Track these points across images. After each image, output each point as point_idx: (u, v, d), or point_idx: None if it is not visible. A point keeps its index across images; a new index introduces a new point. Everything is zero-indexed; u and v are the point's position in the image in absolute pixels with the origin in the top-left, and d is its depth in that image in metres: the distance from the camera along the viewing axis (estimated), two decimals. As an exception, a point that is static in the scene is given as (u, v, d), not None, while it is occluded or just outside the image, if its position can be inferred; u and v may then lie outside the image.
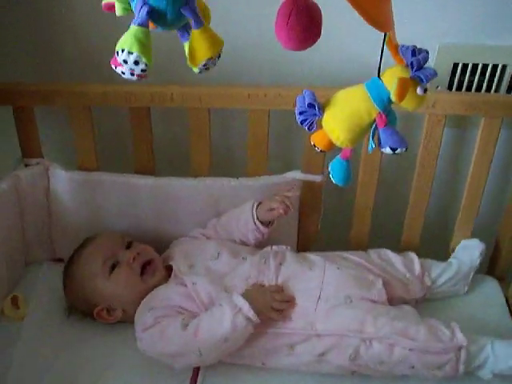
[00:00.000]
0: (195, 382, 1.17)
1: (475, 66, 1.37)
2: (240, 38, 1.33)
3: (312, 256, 1.30)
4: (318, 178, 1.37)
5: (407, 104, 0.75)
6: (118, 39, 1.42)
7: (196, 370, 1.19)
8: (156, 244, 1.37)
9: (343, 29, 1.27)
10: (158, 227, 1.41)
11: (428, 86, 1.37)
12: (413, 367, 1.14)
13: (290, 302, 1.18)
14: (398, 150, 0.76)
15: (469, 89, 1.41)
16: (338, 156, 0.84)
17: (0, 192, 1.29)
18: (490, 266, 1.51)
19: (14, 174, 1.34)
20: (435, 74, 0.74)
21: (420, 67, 0.73)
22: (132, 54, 0.67)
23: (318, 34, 0.68)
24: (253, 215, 1.31)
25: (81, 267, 1.27)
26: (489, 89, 1.40)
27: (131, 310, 1.24)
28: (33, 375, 1.19)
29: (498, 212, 1.48)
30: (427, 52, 0.74)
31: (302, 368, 1.19)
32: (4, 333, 1.26)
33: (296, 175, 1.37)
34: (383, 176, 1.40)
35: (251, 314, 1.11)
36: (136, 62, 0.67)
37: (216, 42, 0.69)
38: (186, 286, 1.21)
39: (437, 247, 1.55)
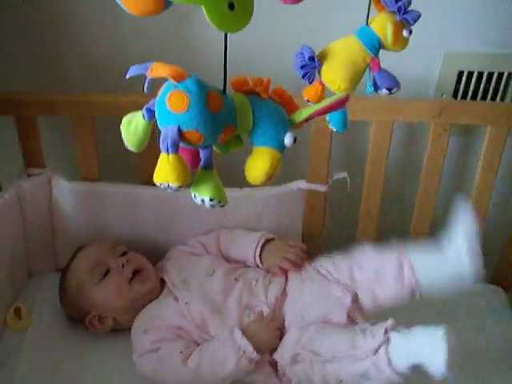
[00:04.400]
0: None
1: (480, 74, 1.36)
2: (242, 45, 1.33)
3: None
4: (322, 188, 1.36)
5: (396, 47, 0.82)
6: (121, 50, 1.43)
7: None
8: (158, 254, 1.37)
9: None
10: (160, 237, 1.40)
11: (432, 94, 1.38)
12: (341, 381, 1.07)
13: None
14: (394, 90, 0.83)
15: (474, 97, 1.40)
16: None
17: (3, 202, 1.28)
18: (496, 274, 1.50)
19: (16, 184, 1.33)
20: (420, 15, 0.80)
21: (406, 11, 0.80)
22: (122, 133, 0.71)
23: None
24: (255, 259, 1.30)
25: (70, 275, 1.27)
26: (494, 97, 1.40)
27: (122, 319, 1.24)
28: (36, 386, 1.19)
29: (504, 220, 1.47)
30: None
31: None
32: (7, 344, 1.26)
33: (300, 185, 1.36)
34: (388, 185, 1.39)
35: (254, 355, 1.09)
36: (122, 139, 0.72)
37: (174, 175, 0.65)
38: (178, 302, 1.21)
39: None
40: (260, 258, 1.30)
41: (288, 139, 0.71)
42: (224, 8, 0.60)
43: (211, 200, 0.69)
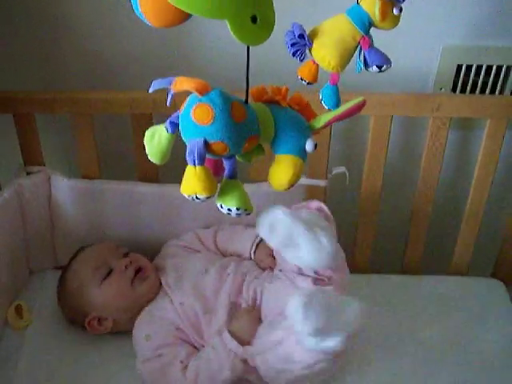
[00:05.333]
0: None
1: (479, 68, 1.36)
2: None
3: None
4: (322, 183, 1.36)
5: (386, 24, 0.82)
6: (118, 47, 1.43)
7: None
8: (157, 250, 1.38)
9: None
10: (160, 234, 1.40)
11: (431, 87, 1.38)
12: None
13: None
14: (384, 67, 0.83)
15: (473, 90, 1.40)
16: (328, 83, 0.88)
17: (2, 200, 1.29)
18: (495, 268, 1.50)
19: (15, 182, 1.33)
20: None
21: None
22: (145, 146, 0.72)
23: None
24: (250, 254, 1.32)
25: (72, 275, 1.27)
26: (493, 90, 1.40)
27: (122, 320, 1.24)
28: (37, 383, 1.19)
29: (504, 213, 1.47)
30: None
31: None
32: (8, 341, 1.26)
33: (300, 180, 1.35)
34: (387, 179, 1.39)
35: (246, 354, 1.09)
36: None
37: (201, 187, 0.66)
38: (173, 304, 1.21)
39: (442, 248, 1.55)
40: (254, 254, 1.31)
41: (309, 146, 0.72)
42: (247, 22, 0.61)
43: (238, 209, 0.70)
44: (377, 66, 0.83)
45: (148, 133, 0.72)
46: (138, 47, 1.36)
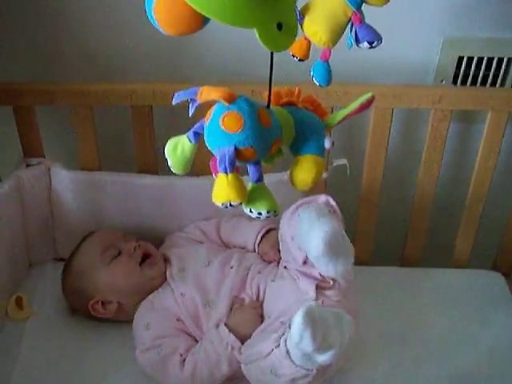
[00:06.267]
0: None
1: (480, 60, 1.36)
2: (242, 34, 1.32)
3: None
4: (322, 175, 1.35)
5: (376, 1, 0.80)
6: (117, 39, 1.42)
7: None
8: (158, 242, 1.38)
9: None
10: (160, 226, 1.40)
11: (432, 79, 1.38)
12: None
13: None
14: (375, 44, 0.82)
15: (474, 82, 1.39)
16: (319, 59, 0.88)
17: (2, 193, 1.28)
18: (496, 261, 1.50)
19: (15, 174, 1.33)
20: None
21: None
22: (168, 158, 0.74)
23: None
24: (254, 247, 1.32)
25: (80, 256, 1.28)
26: (494, 82, 1.39)
27: (127, 303, 1.25)
28: (37, 375, 1.19)
29: (504, 206, 1.47)
30: None
31: None
32: (8, 333, 1.26)
33: (300, 172, 1.36)
34: (388, 171, 1.39)
35: (243, 350, 1.09)
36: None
37: (234, 193, 0.68)
38: (174, 294, 1.22)
39: (442, 240, 1.55)
40: (259, 247, 1.31)
41: (327, 144, 0.75)
42: (273, 29, 0.63)
43: (268, 212, 0.72)
44: (368, 42, 0.82)
45: (170, 145, 0.73)
46: (138, 39, 1.35)
